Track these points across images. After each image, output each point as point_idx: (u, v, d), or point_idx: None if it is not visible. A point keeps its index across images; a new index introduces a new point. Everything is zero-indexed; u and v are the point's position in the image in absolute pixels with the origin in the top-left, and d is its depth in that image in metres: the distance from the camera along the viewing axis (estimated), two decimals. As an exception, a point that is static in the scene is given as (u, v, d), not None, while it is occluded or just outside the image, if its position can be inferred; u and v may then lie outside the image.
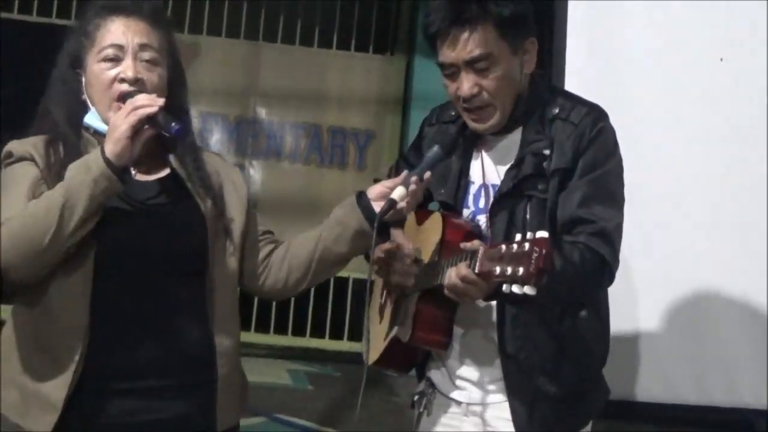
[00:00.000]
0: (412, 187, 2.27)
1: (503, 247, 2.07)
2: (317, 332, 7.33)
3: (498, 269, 2.05)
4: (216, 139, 7.38)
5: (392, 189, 2.28)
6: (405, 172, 2.32)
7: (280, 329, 7.24)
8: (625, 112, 2.52)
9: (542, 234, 2.02)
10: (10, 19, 6.93)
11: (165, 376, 2.22)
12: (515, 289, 2.03)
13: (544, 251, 1.99)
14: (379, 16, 7.53)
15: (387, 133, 7.46)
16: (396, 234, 2.47)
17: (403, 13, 7.54)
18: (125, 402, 2.20)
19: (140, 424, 2.21)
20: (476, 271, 2.14)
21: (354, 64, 7.49)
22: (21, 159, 2.23)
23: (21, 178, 2.19)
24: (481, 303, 2.35)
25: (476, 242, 2.22)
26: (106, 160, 2.09)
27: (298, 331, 7.30)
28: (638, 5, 3.58)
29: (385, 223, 2.30)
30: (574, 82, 3.38)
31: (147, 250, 2.21)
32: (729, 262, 3.47)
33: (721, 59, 3.56)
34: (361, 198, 2.33)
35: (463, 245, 2.23)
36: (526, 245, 2.01)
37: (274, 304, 6.86)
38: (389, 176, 2.73)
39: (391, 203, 2.25)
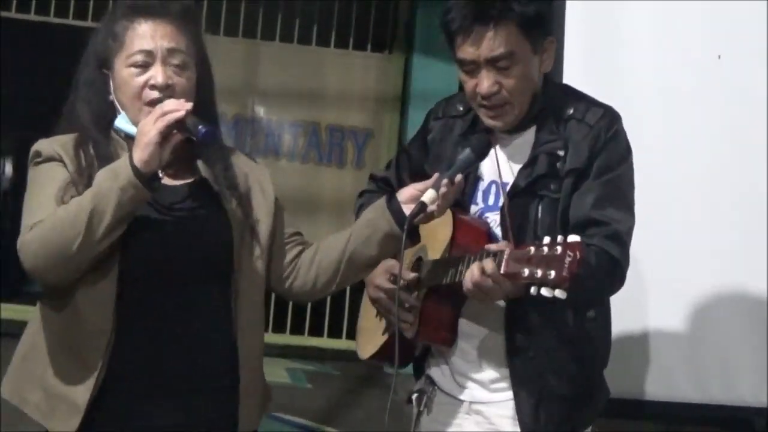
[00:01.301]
0: (443, 190, 2.25)
1: (532, 249, 2.07)
2: (315, 331, 7.33)
3: (527, 271, 2.06)
4: (215, 137, 7.36)
5: (423, 192, 2.27)
6: (436, 175, 2.30)
7: (279, 328, 7.24)
8: (622, 112, 2.52)
9: (574, 238, 2.02)
10: (8, 18, 6.92)
11: (188, 380, 2.23)
12: (545, 292, 2.03)
13: (577, 255, 1.99)
14: (378, 15, 7.53)
15: (385, 132, 7.46)
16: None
17: (401, 12, 7.54)
18: (148, 405, 2.21)
19: (163, 427, 2.22)
20: (502, 271, 2.13)
21: (352, 63, 7.49)
22: (50, 159, 2.23)
23: (50, 180, 2.19)
24: (501, 303, 2.36)
25: (502, 244, 2.22)
26: (134, 168, 2.08)
27: (297, 330, 7.30)
28: (635, 4, 3.58)
29: (415, 226, 2.29)
30: (571, 82, 3.37)
31: (172, 255, 2.22)
32: (729, 260, 3.46)
33: (719, 57, 3.55)
34: (392, 200, 2.31)
35: (488, 246, 2.23)
36: (558, 248, 2.02)
37: (272, 302, 6.86)
38: (387, 168, 2.73)
39: (422, 206, 2.24)
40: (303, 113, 7.44)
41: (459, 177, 2.29)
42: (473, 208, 2.51)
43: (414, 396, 2.59)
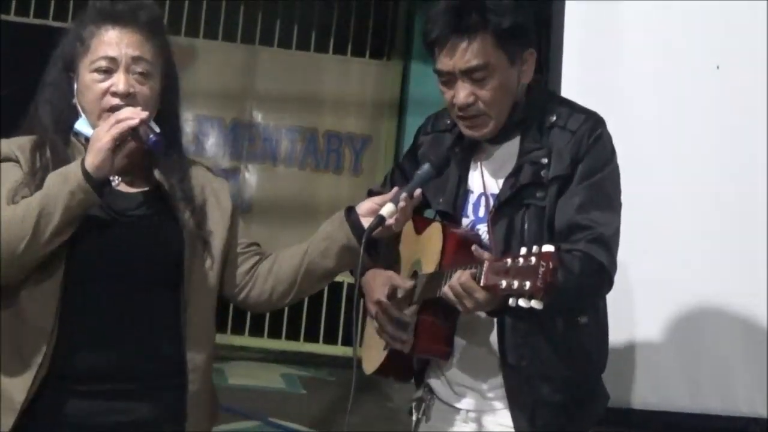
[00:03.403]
0: (402, 204, 2.25)
1: (509, 260, 2.07)
2: (311, 336, 7.34)
3: (504, 283, 2.05)
4: (211, 142, 7.39)
5: (381, 205, 2.26)
6: (395, 189, 2.31)
7: (274, 333, 7.24)
8: (620, 120, 2.52)
9: (548, 248, 2.02)
10: (7, 21, 6.93)
11: (130, 380, 2.21)
12: (522, 302, 2.03)
13: (551, 265, 1.99)
14: (376, 21, 7.55)
15: (383, 138, 7.47)
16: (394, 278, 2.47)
17: (399, 18, 7.56)
18: (87, 403, 2.19)
19: (102, 426, 2.20)
20: (482, 284, 2.14)
21: (350, 69, 7.50)
22: (6, 159, 2.23)
23: (3, 181, 2.19)
24: (482, 314, 2.35)
25: (485, 254, 2.22)
26: (85, 173, 2.09)
27: (292, 336, 7.30)
28: (635, 13, 3.59)
29: (374, 239, 2.28)
30: (569, 90, 3.38)
31: (118, 258, 2.21)
32: (724, 269, 3.46)
33: (718, 67, 3.56)
34: (350, 213, 2.31)
35: (474, 248, 2.23)
36: (533, 259, 2.01)
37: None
38: (384, 184, 2.73)
39: (380, 219, 2.23)
40: (301, 119, 7.45)
41: (418, 191, 2.29)
42: (465, 221, 2.51)
43: (413, 404, 2.59)
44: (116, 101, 2.21)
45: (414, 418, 2.58)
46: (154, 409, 2.24)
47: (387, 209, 2.24)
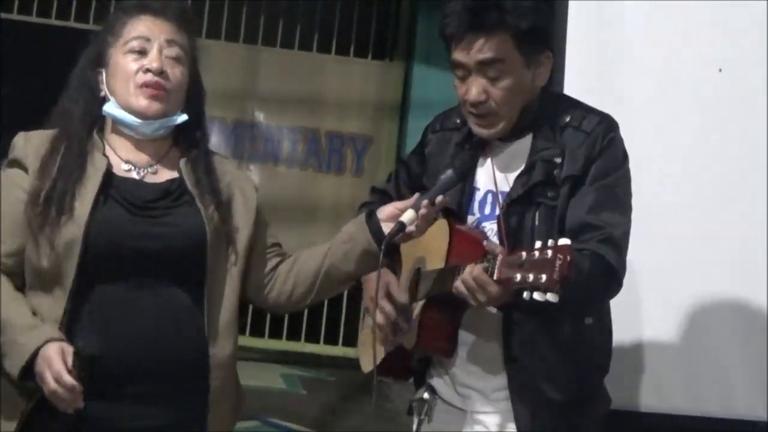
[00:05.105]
0: (423, 211, 2.24)
1: (524, 254, 2.07)
2: (312, 337, 7.34)
3: (519, 276, 2.06)
4: (213, 142, 7.27)
5: (403, 211, 2.25)
6: (417, 195, 2.29)
7: (275, 333, 7.24)
8: (622, 121, 2.52)
9: (564, 241, 2.02)
10: (9, 20, 6.93)
11: (150, 383, 2.17)
12: (537, 296, 2.03)
13: (567, 258, 1.99)
14: (379, 22, 7.55)
15: (385, 139, 7.47)
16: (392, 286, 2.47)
17: (402, 19, 7.55)
18: (112, 407, 2.15)
19: (127, 430, 2.17)
20: (495, 277, 2.14)
21: (352, 70, 7.50)
22: (15, 163, 2.23)
23: (8, 199, 2.19)
24: (493, 310, 2.35)
25: (499, 248, 2.22)
26: (21, 376, 2.08)
27: (293, 336, 7.30)
28: (637, 15, 3.59)
29: (394, 244, 2.28)
30: (570, 92, 3.37)
31: (139, 253, 2.17)
32: (726, 271, 3.46)
33: (720, 70, 3.56)
34: (372, 218, 2.29)
35: (486, 243, 2.23)
36: (549, 252, 2.02)
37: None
38: (388, 181, 2.73)
39: (401, 226, 2.22)
40: (303, 119, 7.45)
41: (440, 198, 2.28)
42: (470, 219, 2.50)
43: (414, 404, 2.58)
44: (149, 77, 2.22)
45: (416, 419, 2.57)
46: (176, 412, 2.21)
47: (408, 216, 2.23)
